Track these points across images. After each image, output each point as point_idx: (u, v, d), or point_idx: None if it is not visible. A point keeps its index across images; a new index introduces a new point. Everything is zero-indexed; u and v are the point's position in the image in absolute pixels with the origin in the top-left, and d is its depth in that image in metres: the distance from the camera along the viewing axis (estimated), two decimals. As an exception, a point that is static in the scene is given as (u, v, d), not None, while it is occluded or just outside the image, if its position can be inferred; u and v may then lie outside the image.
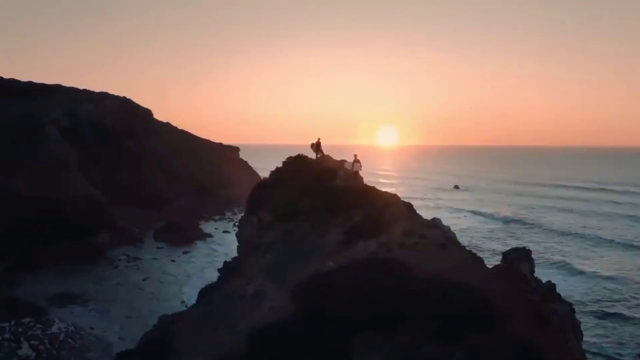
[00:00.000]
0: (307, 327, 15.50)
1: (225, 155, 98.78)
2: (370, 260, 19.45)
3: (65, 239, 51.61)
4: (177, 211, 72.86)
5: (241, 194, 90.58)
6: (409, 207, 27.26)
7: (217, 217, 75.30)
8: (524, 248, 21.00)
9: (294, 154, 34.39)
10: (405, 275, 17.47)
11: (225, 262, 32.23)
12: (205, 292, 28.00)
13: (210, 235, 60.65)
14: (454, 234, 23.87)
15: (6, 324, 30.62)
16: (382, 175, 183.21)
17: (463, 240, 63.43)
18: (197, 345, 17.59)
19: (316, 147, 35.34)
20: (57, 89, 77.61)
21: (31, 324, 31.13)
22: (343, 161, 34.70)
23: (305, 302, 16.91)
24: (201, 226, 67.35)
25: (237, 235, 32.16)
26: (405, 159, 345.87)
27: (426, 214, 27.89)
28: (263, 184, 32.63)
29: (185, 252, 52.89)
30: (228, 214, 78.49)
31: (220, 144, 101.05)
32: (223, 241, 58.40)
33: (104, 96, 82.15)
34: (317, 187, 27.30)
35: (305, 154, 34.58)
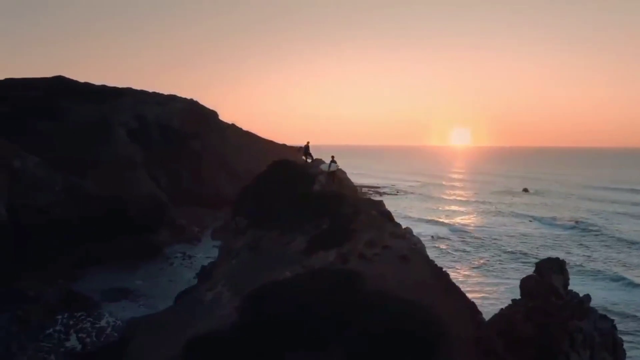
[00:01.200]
0: (245, 338, 15.09)
1: (289, 156, 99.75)
2: (324, 271, 18.88)
3: (127, 236, 53.93)
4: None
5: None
6: (385, 214, 26.26)
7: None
8: (557, 259, 19.81)
9: (359, 155, 34.31)
10: (353, 289, 16.80)
11: (202, 266, 32.46)
12: (181, 296, 28.24)
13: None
14: (422, 246, 22.73)
15: (59, 317, 32.34)
16: (450, 178, 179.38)
17: (522, 248, 61.60)
18: (149, 350, 17.70)
19: (305, 151, 34.59)
20: (127, 92, 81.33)
21: (82, 317, 32.72)
22: (318, 160, 33.96)
23: (248, 312, 16.56)
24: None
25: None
26: (476, 161, 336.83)
27: (484, 220, 26.81)
28: (247, 188, 32.46)
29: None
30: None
31: (284, 145, 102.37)
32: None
33: (172, 98, 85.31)
34: (292, 193, 26.84)
35: (373, 156, 34.30)
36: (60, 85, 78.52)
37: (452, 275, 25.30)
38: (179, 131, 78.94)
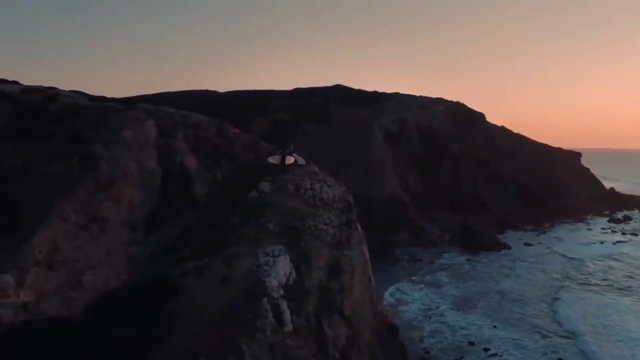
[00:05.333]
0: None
1: (562, 161, 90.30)
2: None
3: (369, 233, 56.92)
4: (493, 217, 71.13)
5: (575, 205, 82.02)
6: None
7: (530, 228, 70.06)
8: None
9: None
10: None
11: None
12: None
13: (507, 247, 57.22)
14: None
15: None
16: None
17: None
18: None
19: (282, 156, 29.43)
20: (393, 96, 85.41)
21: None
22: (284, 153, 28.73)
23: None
24: (507, 235, 63.99)
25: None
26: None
27: None
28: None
29: (468, 260, 51.72)
30: (546, 225, 71.97)
31: (559, 149, 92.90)
32: (518, 255, 54.46)
33: (437, 101, 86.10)
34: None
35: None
36: (336, 93, 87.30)
37: None
38: (439, 134, 79.28)
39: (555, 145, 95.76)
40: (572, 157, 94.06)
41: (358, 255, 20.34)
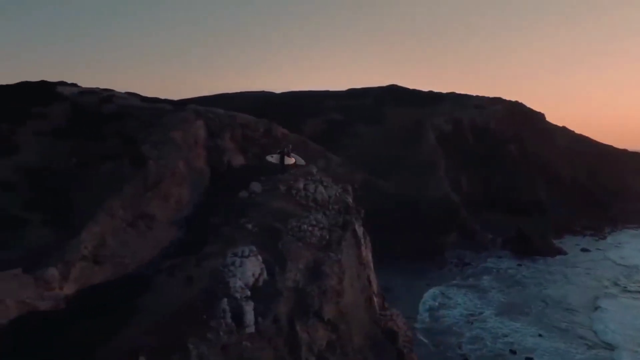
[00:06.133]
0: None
1: (628, 164, 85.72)
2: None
3: (415, 234, 56.30)
4: (551, 221, 68.59)
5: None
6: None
7: (589, 233, 66.92)
8: None
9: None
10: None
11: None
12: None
13: (562, 253, 55.00)
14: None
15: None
16: None
17: None
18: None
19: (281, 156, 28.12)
20: (448, 96, 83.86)
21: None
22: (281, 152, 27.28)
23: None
24: (564, 240, 61.53)
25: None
26: None
27: None
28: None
29: (519, 265, 50.12)
30: (607, 231, 68.52)
31: (625, 151, 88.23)
32: (572, 261, 52.27)
33: (494, 101, 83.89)
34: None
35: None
36: (389, 93, 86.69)
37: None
38: (495, 134, 77.26)
39: (621, 147, 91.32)
40: (638, 160, 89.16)
41: (351, 258, 19.89)
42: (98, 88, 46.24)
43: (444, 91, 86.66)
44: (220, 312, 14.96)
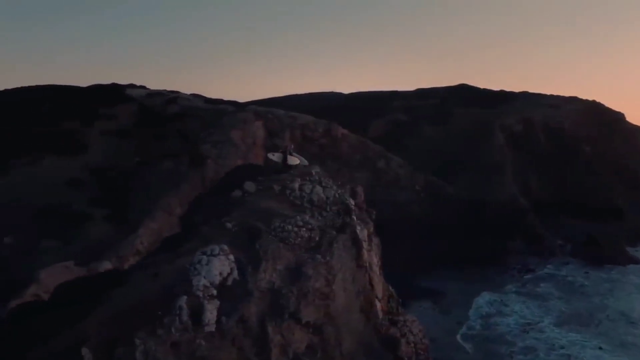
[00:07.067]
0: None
1: None
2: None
3: (480, 238, 54.67)
4: (628, 227, 64.57)
5: None
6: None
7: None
8: None
9: None
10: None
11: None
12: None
13: (635, 261, 51.58)
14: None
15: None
16: None
17: None
18: None
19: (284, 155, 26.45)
20: (519, 95, 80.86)
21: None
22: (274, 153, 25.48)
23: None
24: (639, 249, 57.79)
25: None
26: None
27: None
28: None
29: (586, 273, 47.52)
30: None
31: None
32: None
33: (569, 100, 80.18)
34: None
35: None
36: (458, 92, 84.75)
37: None
38: (570, 135, 73.62)
39: None
40: None
41: (346, 261, 19.14)
42: (165, 90, 48.31)
43: (516, 90, 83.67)
44: (176, 309, 14.89)
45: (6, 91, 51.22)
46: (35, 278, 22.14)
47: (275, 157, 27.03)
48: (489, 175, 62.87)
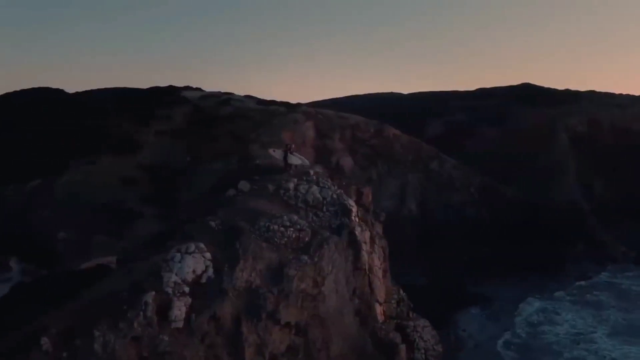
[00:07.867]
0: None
1: None
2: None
3: (537, 242, 52.84)
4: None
5: None
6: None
7: None
8: None
9: None
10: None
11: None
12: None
13: None
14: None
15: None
16: None
17: None
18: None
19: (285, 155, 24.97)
20: (585, 95, 77.44)
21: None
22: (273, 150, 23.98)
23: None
24: None
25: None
26: None
27: None
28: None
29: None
30: None
31: None
32: None
33: (636, 100, 75.91)
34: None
35: None
36: (520, 92, 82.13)
37: None
38: (638, 136, 69.78)
39: None
40: None
41: (338, 262, 18.84)
42: (219, 91, 49.68)
43: (582, 89, 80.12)
44: (142, 304, 15.01)
45: (77, 94, 54.42)
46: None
47: (276, 153, 27.11)
48: (550, 178, 60.83)
